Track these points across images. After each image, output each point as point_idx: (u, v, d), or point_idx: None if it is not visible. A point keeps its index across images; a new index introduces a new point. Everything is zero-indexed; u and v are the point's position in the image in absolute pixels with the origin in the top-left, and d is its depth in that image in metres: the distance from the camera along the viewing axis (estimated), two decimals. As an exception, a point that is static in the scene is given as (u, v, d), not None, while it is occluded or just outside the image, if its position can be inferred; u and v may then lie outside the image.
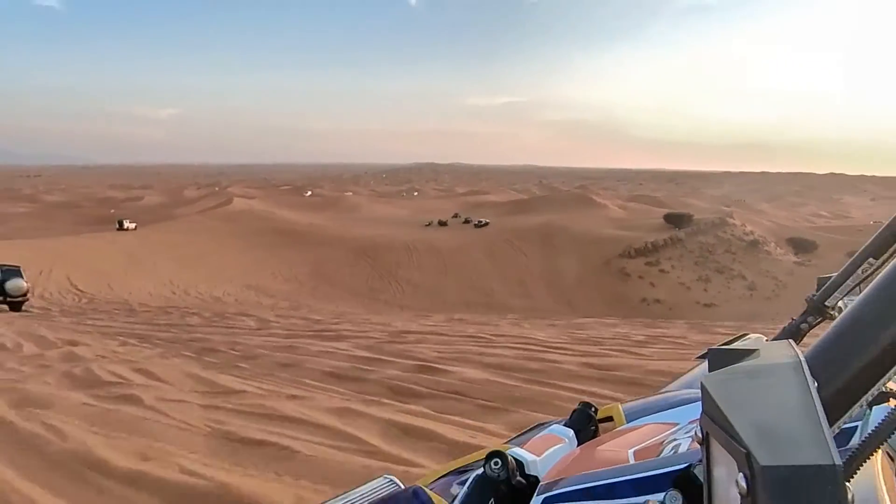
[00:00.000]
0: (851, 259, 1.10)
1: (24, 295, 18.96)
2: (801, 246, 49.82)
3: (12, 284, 18.47)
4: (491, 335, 9.76)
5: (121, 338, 9.90)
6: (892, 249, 1.03)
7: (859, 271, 1.09)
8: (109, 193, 73.27)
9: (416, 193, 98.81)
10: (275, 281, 38.51)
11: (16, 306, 18.44)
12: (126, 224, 49.81)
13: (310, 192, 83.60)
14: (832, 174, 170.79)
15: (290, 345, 8.71)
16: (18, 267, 19.52)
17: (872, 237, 1.07)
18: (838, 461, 0.33)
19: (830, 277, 1.17)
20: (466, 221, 56.45)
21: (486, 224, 54.63)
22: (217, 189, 76.16)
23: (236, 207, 53.31)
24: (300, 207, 59.80)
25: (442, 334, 10.14)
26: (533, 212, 61.39)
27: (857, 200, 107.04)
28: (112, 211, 57.16)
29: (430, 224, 56.70)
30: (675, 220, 50.23)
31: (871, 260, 1.05)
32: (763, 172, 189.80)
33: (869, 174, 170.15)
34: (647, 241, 45.86)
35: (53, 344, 8.92)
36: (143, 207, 58.51)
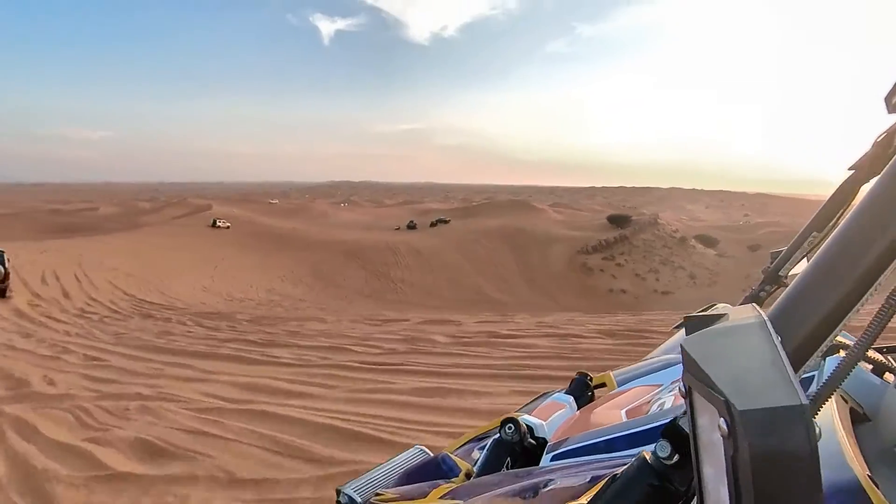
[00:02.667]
0: (799, 233, 1.28)
1: (3, 281, 17.98)
2: (707, 241, 59.30)
3: None
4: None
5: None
6: (830, 223, 1.19)
7: (805, 244, 1.26)
8: (56, 206, 66.79)
9: (344, 205, 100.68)
10: (284, 284, 39.72)
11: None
12: (219, 223, 51.92)
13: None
14: (673, 188, 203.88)
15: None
16: (2, 252, 18.63)
17: (814, 215, 1.24)
18: (805, 401, 0.39)
19: (781, 251, 1.33)
20: (433, 224, 60.22)
21: (448, 221, 59.23)
22: (164, 201, 72.94)
23: (217, 214, 52.76)
24: (274, 214, 60.00)
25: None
26: (481, 216, 66.35)
27: (697, 208, 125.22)
28: (209, 212, 54.70)
29: (399, 228, 59.69)
30: (618, 220, 57.75)
31: (815, 234, 1.24)
32: (621, 186, 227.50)
33: (699, 188, 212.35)
34: (600, 239, 52.62)
35: None
36: (103, 217, 55.20)
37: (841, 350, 0.89)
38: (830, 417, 0.76)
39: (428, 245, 50.51)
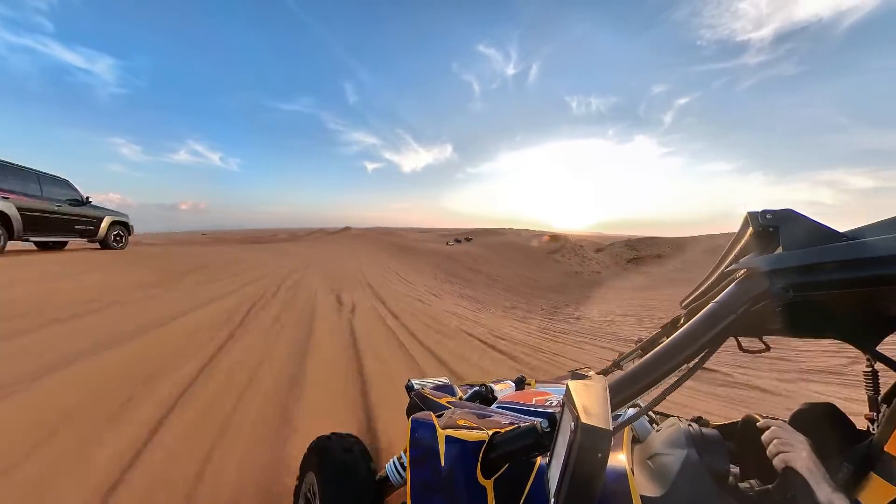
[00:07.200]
0: (634, 349, 2.12)
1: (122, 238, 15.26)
2: (593, 249, 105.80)
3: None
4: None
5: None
6: (652, 346, 1.98)
7: (635, 354, 2.10)
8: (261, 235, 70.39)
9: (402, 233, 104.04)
10: (427, 275, 50.45)
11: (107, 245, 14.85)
12: (449, 243, 66.63)
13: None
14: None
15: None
16: (126, 215, 16.64)
17: (642, 343, 2.08)
18: (610, 428, 0.90)
19: (623, 354, 2.21)
20: (468, 239, 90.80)
21: (472, 239, 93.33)
22: (311, 230, 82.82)
23: (354, 232, 69.87)
24: (380, 234, 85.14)
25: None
26: (480, 237, 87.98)
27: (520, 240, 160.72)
28: (351, 231, 71.16)
29: (448, 243, 77.13)
30: (554, 238, 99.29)
31: (640, 351, 2.09)
32: (525, 229, 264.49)
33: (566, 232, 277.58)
34: (553, 246, 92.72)
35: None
36: (282, 238, 68.52)
37: (637, 406, 1.61)
38: (622, 437, 1.43)
39: (479, 252, 67.38)
